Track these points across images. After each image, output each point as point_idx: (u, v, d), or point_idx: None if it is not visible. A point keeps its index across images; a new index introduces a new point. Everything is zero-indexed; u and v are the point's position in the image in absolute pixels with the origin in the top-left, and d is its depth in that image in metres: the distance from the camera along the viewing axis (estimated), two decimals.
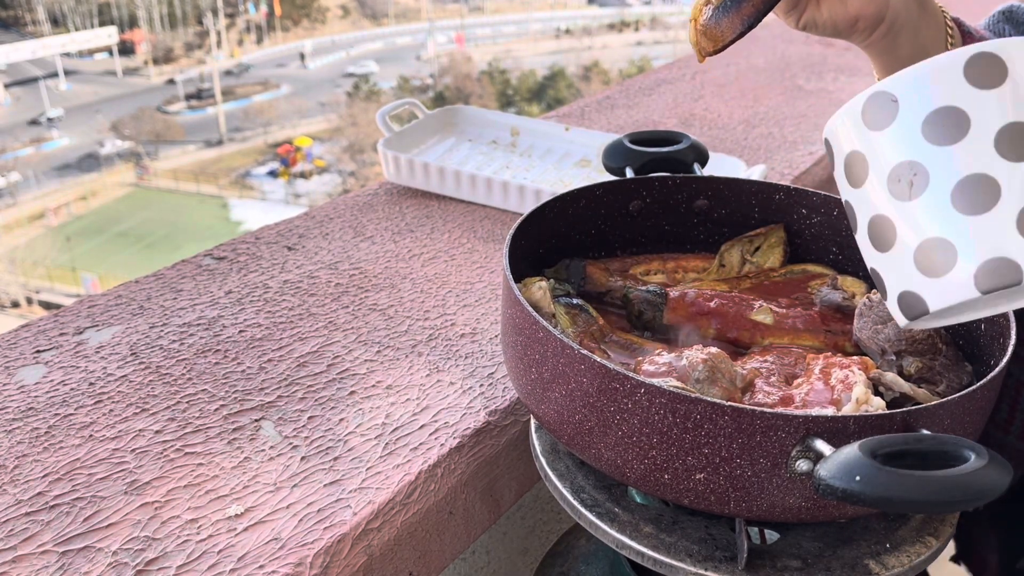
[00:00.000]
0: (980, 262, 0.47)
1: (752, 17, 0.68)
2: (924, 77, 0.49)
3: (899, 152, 0.49)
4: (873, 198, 0.51)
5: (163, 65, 37.40)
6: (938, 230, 0.48)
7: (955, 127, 0.47)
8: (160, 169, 29.54)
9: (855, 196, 0.53)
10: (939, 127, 0.48)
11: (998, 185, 0.46)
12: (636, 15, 44.39)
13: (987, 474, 0.44)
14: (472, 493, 0.72)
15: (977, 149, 0.47)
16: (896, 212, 0.50)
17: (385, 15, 43.22)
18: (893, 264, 0.51)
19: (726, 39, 0.70)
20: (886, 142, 0.50)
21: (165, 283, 0.94)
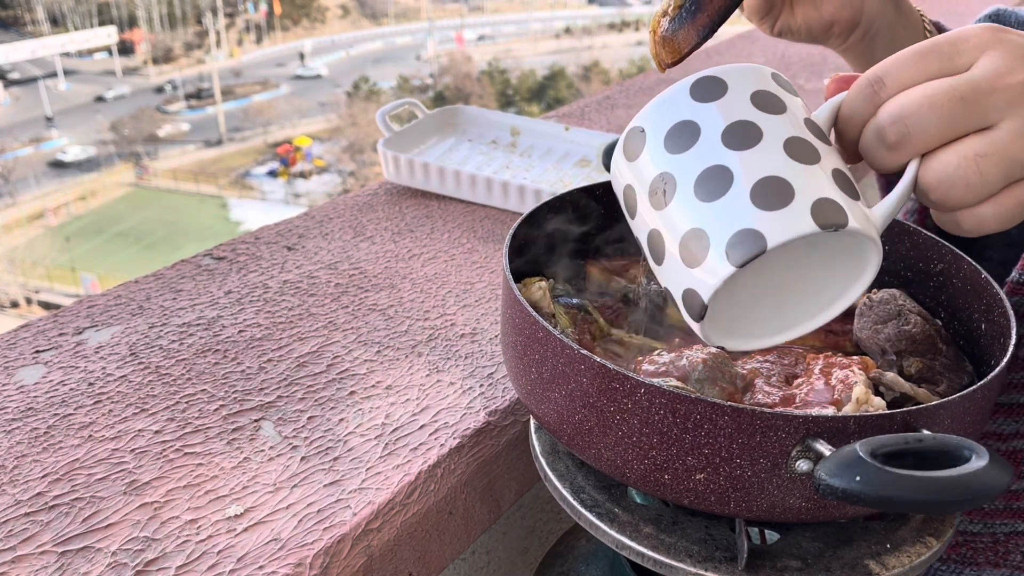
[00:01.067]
0: (727, 238, 0.51)
1: (707, 27, 0.69)
2: (660, 103, 0.56)
3: (651, 170, 0.55)
4: (644, 218, 0.56)
5: (163, 65, 37.40)
6: (690, 223, 0.52)
7: (688, 135, 0.53)
8: (160, 169, 29.55)
9: (634, 225, 0.57)
10: (676, 138, 0.54)
11: (729, 171, 0.52)
12: (636, 15, 44.39)
13: (988, 474, 0.44)
14: (472, 493, 0.72)
15: (708, 148, 0.53)
16: (659, 221, 0.54)
17: (385, 15, 43.23)
18: (666, 271, 0.55)
19: (683, 50, 0.71)
20: (642, 166, 0.56)
21: (165, 283, 0.94)
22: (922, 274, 0.72)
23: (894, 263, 0.74)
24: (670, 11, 0.71)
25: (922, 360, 0.62)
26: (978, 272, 0.65)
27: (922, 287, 0.72)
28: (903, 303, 0.64)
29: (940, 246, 0.70)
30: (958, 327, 0.68)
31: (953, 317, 0.69)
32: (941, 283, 0.70)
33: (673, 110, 0.55)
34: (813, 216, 0.50)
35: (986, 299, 0.64)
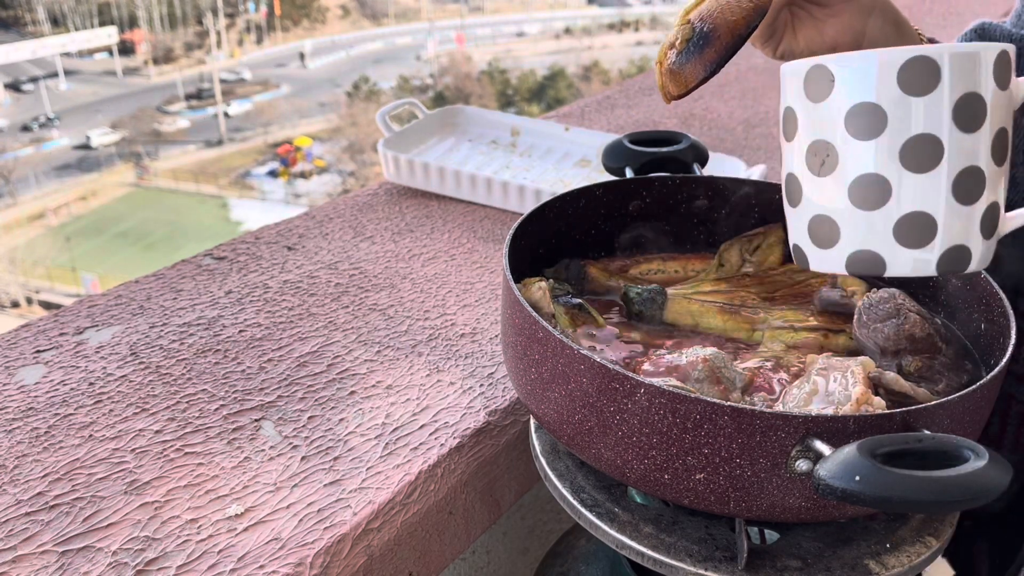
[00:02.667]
0: (855, 249, 0.54)
1: (715, 62, 0.69)
2: (862, 68, 0.53)
3: (821, 130, 0.54)
4: (794, 158, 0.57)
5: (163, 65, 37.41)
6: (831, 209, 0.54)
7: (873, 125, 0.52)
8: (160, 169, 29.56)
9: (785, 147, 0.58)
10: (860, 120, 0.53)
11: (890, 189, 0.52)
12: (636, 15, 44.40)
13: (987, 474, 0.44)
14: (472, 493, 0.72)
15: (884, 151, 0.52)
16: (806, 179, 0.56)
17: (385, 15, 43.23)
18: (793, 219, 0.58)
19: (690, 83, 0.70)
20: (815, 115, 0.55)
21: (165, 283, 0.94)
22: None
23: None
24: (677, 44, 0.71)
25: (921, 359, 0.62)
26: (977, 272, 0.65)
27: (922, 287, 0.72)
28: (902, 302, 0.64)
29: None
30: (957, 327, 0.68)
31: (953, 317, 0.69)
32: (941, 283, 0.70)
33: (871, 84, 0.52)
34: (940, 262, 0.53)
35: (986, 299, 0.64)
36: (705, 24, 0.68)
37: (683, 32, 0.69)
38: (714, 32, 0.68)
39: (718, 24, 0.68)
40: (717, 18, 0.68)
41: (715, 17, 0.68)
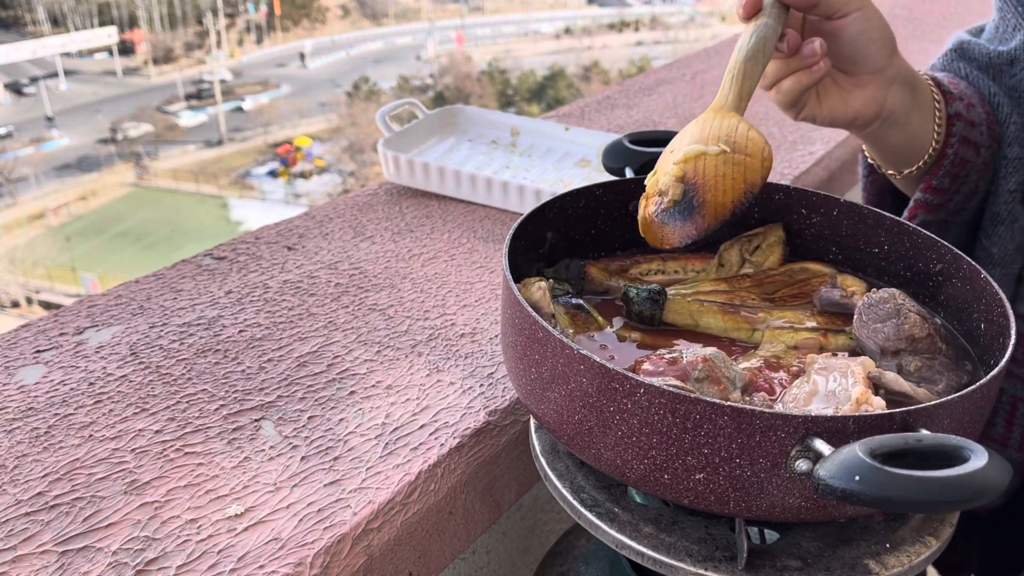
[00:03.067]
0: None
1: (694, 238, 0.67)
2: None
3: None
4: None
5: (163, 65, 37.40)
6: None
7: None
8: (160, 169, 29.55)
9: None
10: None
11: None
12: (636, 15, 44.40)
13: (987, 474, 0.44)
14: (472, 493, 0.72)
15: None
16: None
17: (385, 15, 43.22)
18: None
19: (666, 245, 0.68)
20: None
21: (165, 283, 0.94)
22: (921, 274, 0.72)
23: (893, 263, 0.74)
24: (665, 199, 0.67)
25: (921, 359, 0.62)
26: (977, 272, 0.66)
27: (921, 287, 0.72)
28: (902, 302, 0.64)
29: (940, 246, 0.70)
30: (957, 327, 0.68)
31: (952, 317, 0.69)
32: (940, 283, 0.70)
33: None
34: None
35: (985, 299, 0.64)
36: (695, 196, 0.66)
37: (673, 191, 0.67)
38: (701, 208, 0.66)
39: (707, 201, 0.66)
40: (708, 194, 0.66)
41: (706, 191, 0.66)
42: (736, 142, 0.68)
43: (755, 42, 0.72)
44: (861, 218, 0.75)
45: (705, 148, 0.68)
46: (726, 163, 0.67)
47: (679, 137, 0.71)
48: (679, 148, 0.69)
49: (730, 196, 0.66)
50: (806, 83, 0.76)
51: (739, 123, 0.69)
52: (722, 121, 0.69)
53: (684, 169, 0.67)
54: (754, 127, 0.69)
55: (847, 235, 0.76)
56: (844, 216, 0.76)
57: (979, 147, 0.85)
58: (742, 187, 0.67)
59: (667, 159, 0.70)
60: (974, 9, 2.29)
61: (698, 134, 0.69)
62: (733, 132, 0.68)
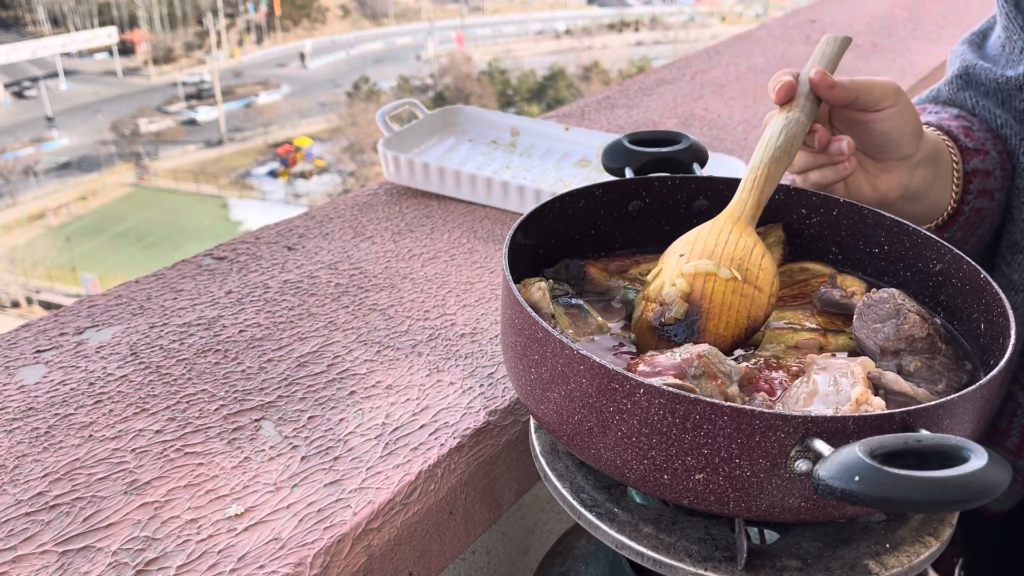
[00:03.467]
0: None
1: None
2: None
3: None
4: None
5: (163, 65, 37.40)
6: None
7: None
8: (160, 169, 29.55)
9: None
10: None
11: None
12: (636, 15, 44.40)
13: (987, 474, 0.44)
14: (472, 493, 0.72)
15: None
16: None
17: (385, 15, 43.22)
18: None
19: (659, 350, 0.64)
20: None
21: (165, 283, 0.94)
22: (921, 274, 0.72)
23: (894, 263, 0.74)
24: (666, 312, 0.64)
25: (921, 359, 0.62)
26: (977, 272, 0.66)
27: (922, 287, 0.72)
28: (902, 302, 0.64)
29: (940, 246, 0.70)
30: (957, 327, 0.68)
31: (952, 317, 0.69)
32: (940, 283, 0.70)
33: None
34: None
35: (985, 299, 0.64)
36: (697, 321, 0.64)
37: (677, 308, 0.64)
38: (700, 336, 0.64)
39: (708, 330, 0.64)
40: (710, 323, 0.64)
41: (709, 320, 0.64)
42: (748, 270, 0.65)
43: (783, 141, 0.71)
44: (861, 218, 0.75)
45: (717, 270, 0.65)
46: (734, 292, 0.64)
47: (690, 240, 0.68)
48: (689, 256, 0.66)
49: (731, 330, 0.64)
50: (832, 179, 0.76)
51: (755, 246, 0.67)
52: (738, 239, 0.67)
53: (692, 285, 0.65)
54: (768, 253, 0.67)
55: (847, 235, 0.76)
56: (844, 216, 0.76)
57: (994, 192, 0.86)
58: (745, 323, 0.65)
59: (674, 263, 0.67)
60: (974, 10, 2.29)
61: (711, 247, 0.66)
62: (747, 257, 0.66)
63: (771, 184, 0.70)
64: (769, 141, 0.71)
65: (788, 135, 0.71)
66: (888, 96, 0.75)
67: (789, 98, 0.73)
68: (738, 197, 0.70)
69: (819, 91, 0.73)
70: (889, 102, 0.75)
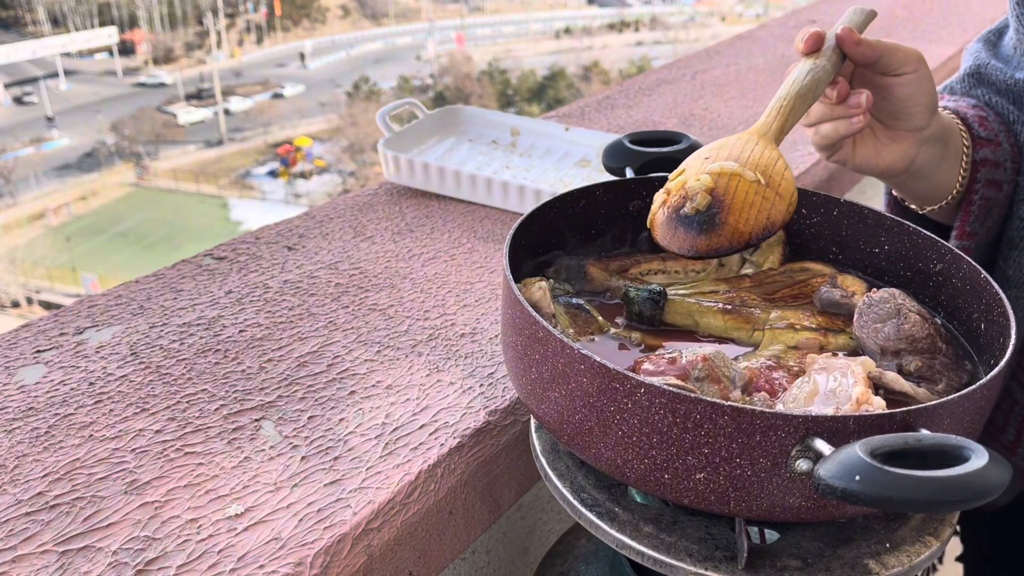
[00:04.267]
0: None
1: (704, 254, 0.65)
2: None
3: None
4: None
5: (163, 65, 37.41)
6: None
7: None
8: (160, 169, 29.56)
9: None
10: None
11: None
12: (636, 15, 44.41)
13: (987, 474, 0.44)
14: (472, 493, 0.72)
15: None
16: None
17: (385, 15, 43.22)
18: None
19: (674, 247, 0.66)
20: None
21: (165, 283, 0.94)
22: (922, 274, 0.72)
23: (894, 263, 0.74)
24: (688, 202, 0.66)
25: (921, 359, 0.62)
26: (977, 272, 0.66)
27: (922, 287, 0.72)
28: (902, 302, 0.64)
29: (940, 246, 0.70)
30: (957, 326, 0.68)
31: (952, 317, 0.69)
32: (940, 283, 0.70)
33: None
34: None
35: (985, 299, 0.64)
36: (719, 213, 0.65)
37: (701, 199, 0.65)
38: (721, 227, 0.65)
39: (728, 223, 0.65)
40: (731, 216, 0.65)
41: (731, 213, 0.65)
42: (772, 177, 0.67)
43: (810, 81, 0.72)
44: (861, 218, 0.75)
45: (742, 171, 0.66)
46: (757, 193, 0.66)
47: (716, 146, 0.70)
48: (715, 157, 0.68)
49: (750, 226, 0.65)
50: (843, 132, 0.76)
51: (779, 159, 0.68)
52: (763, 149, 0.68)
53: (716, 182, 0.66)
54: (790, 168, 0.69)
55: (847, 235, 0.76)
56: (844, 216, 0.76)
57: (1002, 184, 0.86)
58: (764, 222, 0.66)
59: (699, 162, 0.68)
60: (974, 8, 2.29)
61: (737, 152, 0.68)
62: (771, 166, 0.67)
63: (794, 116, 0.72)
64: (796, 78, 0.73)
65: (814, 77, 0.72)
66: (910, 62, 0.76)
67: (816, 48, 0.74)
68: (764, 118, 0.71)
69: (845, 46, 0.74)
70: (911, 67, 0.76)
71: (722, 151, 0.69)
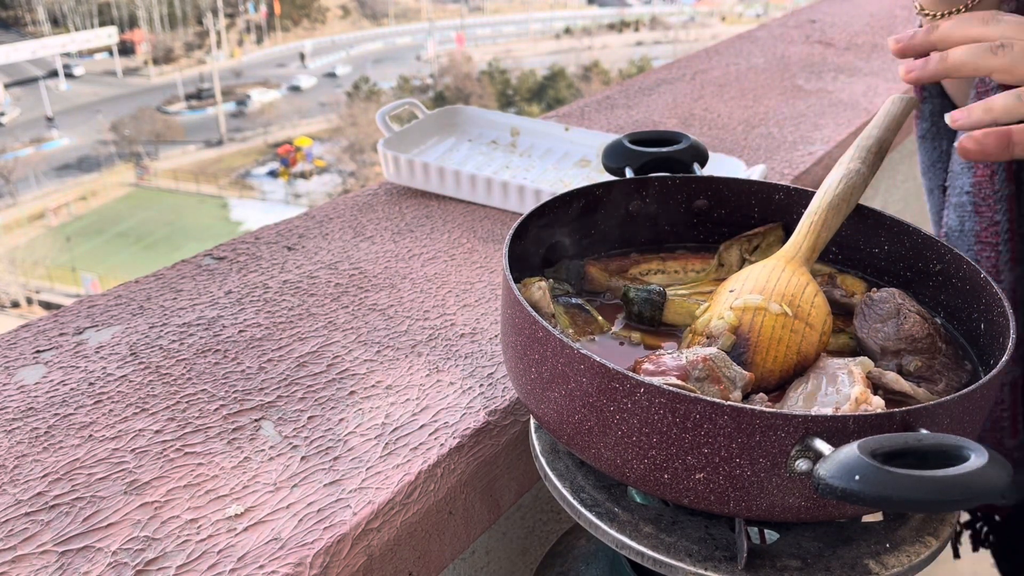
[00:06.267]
0: None
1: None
2: None
3: None
4: None
5: (163, 65, 37.41)
6: None
7: None
8: (160, 169, 29.57)
9: None
10: None
11: None
12: (636, 15, 44.43)
13: (987, 473, 0.44)
14: (472, 493, 0.72)
15: None
16: None
17: (385, 15, 43.23)
18: None
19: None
20: None
21: (165, 283, 0.94)
22: (922, 274, 0.72)
23: (894, 263, 0.74)
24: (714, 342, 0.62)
25: (921, 359, 0.62)
26: (977, 272, 0.66)
27: (922, 287, 0.72)
28: (902, 302, 0.64)
29: (939, 246, 0.70)
30: (957, 326, 0.68)
31: (952, 317, 0.69)
32: (940, 283, 0.70)
33: None
34: None
35: (985, 299, 0.64)
36: (745, 353, 0.61)
37: (724, 340, 0.62)
38: (747, 369, 0.61)
39: (755, 364, 0.61)
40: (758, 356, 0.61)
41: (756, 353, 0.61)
42: (800, 307, 0.63)
43: (843, 189, 0.71)
44: (861, 218, 0.75)
45: (767, 305, 0.63)
46: (784, 327, 0.62)
47: (741, 277, 0.67)
48: (740, 291, 0.64)
49: (779, 365, 0.62)
50: None
51: (807, 285, 0.65)
52: (791, 277, 0.65)
53: (740, 319, 0.63)
54: (821, 292, 0.65)
55: (847, 235, 0.76)
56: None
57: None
58: (794, 359, 0.62)
59: (724, 297, 0.65)
60: None
61: (763, 284, 0.65)
62: (799, 294, 0.64)
63: (828, 230, 0.70)
64: (829, 188, 0.71)
65: (848, 184, 0.71)
66: None
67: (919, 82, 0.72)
68: (794, 239, 0.69)
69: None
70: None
71: (747, 283, 0.65)
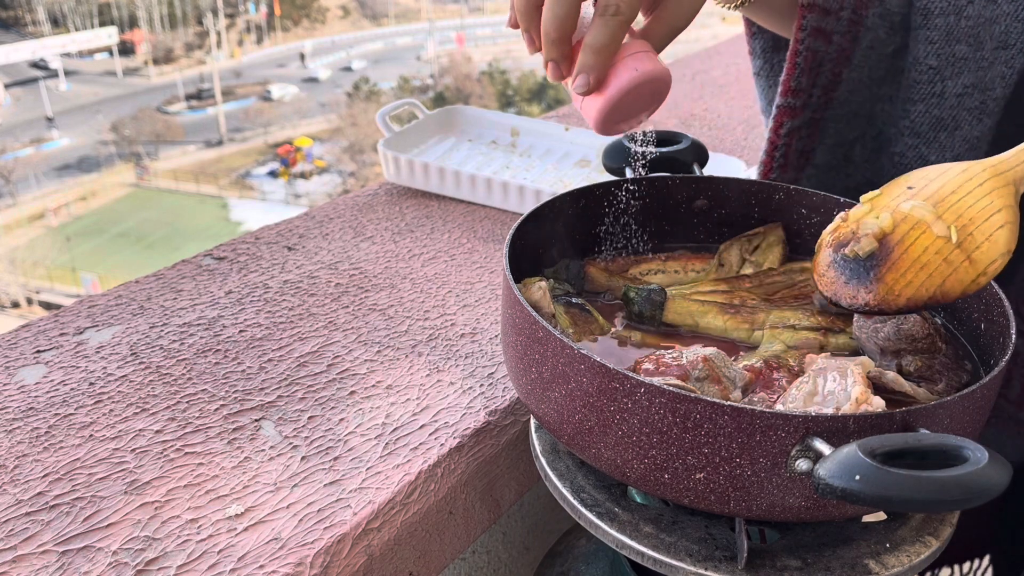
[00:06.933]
0: None
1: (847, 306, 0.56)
2: None
3: None
4: None
5: (163, 65, 37.42)
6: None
7: None
8: (160, 169, 29.57)
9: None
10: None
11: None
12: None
13: (987, 473, 0.44)
14: (472, 493, 0.72)
15: None
16: None
17: (385, 15, 43.22)
18: None
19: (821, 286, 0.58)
20: None
21: (165, 283, 0.94)
22: None
23: None
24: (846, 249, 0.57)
25: (921, 359, 0.62)
26: None
27: None
28: None
29: None
30: (957, 326, 0.68)
31: (952, 317, 0.69)
32: None
33: None
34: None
35: (985, 299, 0.64)
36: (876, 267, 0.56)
37: (865, 243, 0.55)
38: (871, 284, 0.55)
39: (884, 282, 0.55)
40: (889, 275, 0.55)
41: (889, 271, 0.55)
42: (972, 236, 0.54)
43: None
44: None
45: (933, 223, 0.54)
46: (938, 254, 0.54)
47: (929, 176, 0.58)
48: (918, 192, 0.56)
49: (910, 292, 0.55)
50: None
51: (997, 212, 0.55)
52: (985, 195, 0.55)
53: (896, 226, 0.55)
54: (1012, 226, 0.55)
55: None
56: None
57: (831, 35, 0.76)
58: (930, 292, 0.54)
59: (898, 192, 0.57)
60: None
61: (946, 192, 0.56)
62: (981, 220, 0.55)
63: None
64: None
65: None
66: None
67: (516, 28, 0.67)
68: (1015, 151, 0.57)
69: None
70: None
71: (931, 184, 0.56)
